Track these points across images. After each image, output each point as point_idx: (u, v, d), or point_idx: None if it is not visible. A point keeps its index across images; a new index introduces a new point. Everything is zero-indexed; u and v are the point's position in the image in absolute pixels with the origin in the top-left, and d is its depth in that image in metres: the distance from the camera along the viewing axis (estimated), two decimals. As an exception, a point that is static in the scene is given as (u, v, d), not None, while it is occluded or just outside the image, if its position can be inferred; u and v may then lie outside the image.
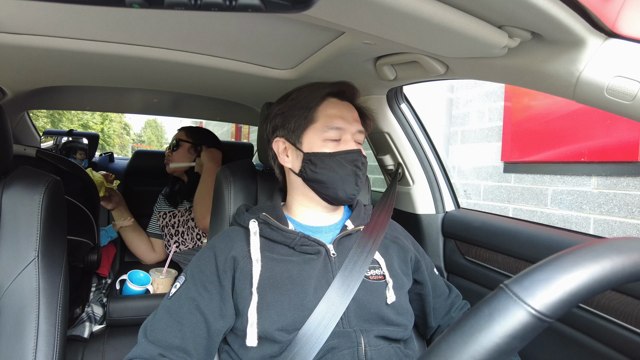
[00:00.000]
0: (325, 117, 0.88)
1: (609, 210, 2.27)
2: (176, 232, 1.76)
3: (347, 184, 0.87)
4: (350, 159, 0.87)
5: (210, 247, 0.89)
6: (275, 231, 0.87)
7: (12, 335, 0.82)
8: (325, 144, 0.87)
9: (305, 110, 0.89)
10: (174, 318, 0.80)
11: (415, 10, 0.59)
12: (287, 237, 0.86)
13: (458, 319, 0.37)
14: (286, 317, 0.79)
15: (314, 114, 0.89)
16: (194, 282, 0.84)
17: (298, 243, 0.86)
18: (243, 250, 0.86)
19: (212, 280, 0.84)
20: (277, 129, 0.93)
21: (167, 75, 1.21)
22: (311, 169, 0.87)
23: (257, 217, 0.89)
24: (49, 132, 2.42)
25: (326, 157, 0.86)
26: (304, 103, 0.90)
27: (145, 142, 38.08)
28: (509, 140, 2.89)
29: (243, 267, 0.84)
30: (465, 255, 1.22)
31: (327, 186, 0.87)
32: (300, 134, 0.89)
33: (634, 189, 2.17)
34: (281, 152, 0.93)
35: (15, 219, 0.87)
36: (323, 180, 0.87)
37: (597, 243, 0.38)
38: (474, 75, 0.90)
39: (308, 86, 0.93)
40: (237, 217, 0.95)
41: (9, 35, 0.87)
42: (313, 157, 0.87)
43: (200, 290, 0.83)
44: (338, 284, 0.83)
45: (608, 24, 0.62)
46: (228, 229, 0.94)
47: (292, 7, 0.30)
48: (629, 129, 2.16)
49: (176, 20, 0.83)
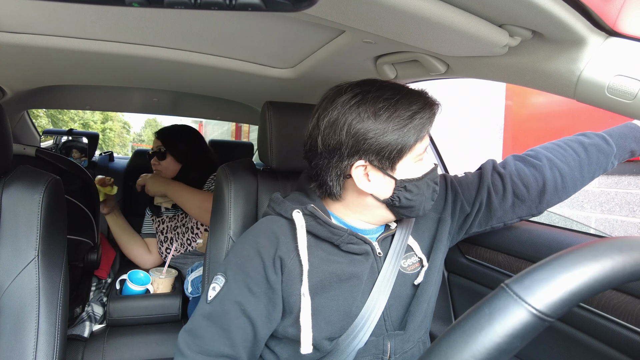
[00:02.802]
0: (421, 140, 0.76)
1: (610, 209, 2.27)
2: (165, 239, 1.75)
3: (427, 202, 0.80)
4: (433, 177, 0.80)
5: (251, 244, 0.78)
6: (322, 226, 0.78)
7: (12, 334, 0.82)
8: (417, 165, 0.77)
9: (411, 139, 0.73)
10: (219, 325, 0.73)
11: (416, 9, 0.59)
12: (334, 233, 0.77)
13: (459, 318, 0.37)
14: (334, 325, 0.75)
15: (418, 142, 0.75)
16: (237, 284, 0.75)
17: (345, 241, 0.78)
18: (289, 248, 0.77)
19: (259, 281, 0.75)
20: (363, 153, 0.74)
21: (167, 74, 1.21)
22: (406, 197, 0.77)
23: (302, 208, 0.79)
24: (49, 131, 2.42)
25: (419, 182, 0.77)
26: (408, 130, 0.73)
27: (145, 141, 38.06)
28: (510, 139, 2.89)
29: (291, 269, 0.75)
30: (466, 255, 1.22)
31: (414, 209, 0.79)
32: (397, 162, 0.75)
33: (635, 188, 2.16)
34: (361, 176, 0.76)
35: (15, 219, 0.87)
36: (414, 205, 0.78)
37: (598, 242, 0.38)
38: (475, 74, 0.90)
39: (396, 99, 0.74)
40: (275, 205, 0.84)
41: (9, 34, 0.87)
42: (408, 184, 0.76)
43: (246, 293, 0.74)
44: (381, 285, 0.80)
45: (609, 23, 0.62)
46: (266, 221, 0.83)
47: (292, 6, 0.30)
48: (629, 128, 2.16)
49: (176, 19, 0.82)
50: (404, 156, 0.75)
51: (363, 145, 0.73)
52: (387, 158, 0.74)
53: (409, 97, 0.75)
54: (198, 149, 1.81)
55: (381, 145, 0.72)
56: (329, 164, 0.77)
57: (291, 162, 1.07)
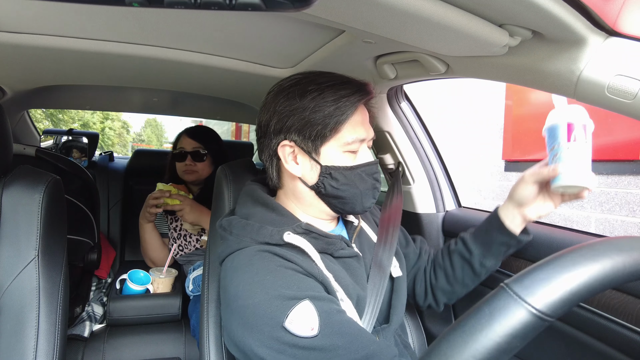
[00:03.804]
0: (351, 128, 0.76)
1: (610, 209, 2.27)
2: (179, 236, 1.74)
3: (365, 198, 0.80)
4: (370, 171, 0.80)
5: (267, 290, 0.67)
6: (318, 239, 0.76)
7: (12, 334, 0.82)
8: (345, 155, 0.78)
9: (332, 120, 0.75)
10: (348, 335, 0.65)
11: (416, 8, 0.59)
12: (329, 243, 0.77)
13: (459, 318, 0.37)
14: None
15: (342, 125, 0.76)
16: (322, 299, 0.68)
17: (338, 248, 0.78)
18: (314, 271, 0.73)
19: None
20: (287, 131, 0.77)
21: (167, 74, 1.21)
22: (331, 184, 0.77)
23: (294, 229, 0.74)
24: (49, 131, 2.42)
25: (348, 172, 0.77)
26: (330, 111, 0.74)
27: (145, 141, 38.08)
28: (510, 139, 2.89)
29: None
30: (466, 254, 1.22)
31: (346, 201, 0.79)
32: (320, 145, 0.76)
33: (635, 188, 2.16)
34: (287, 156, 0.79)
35: (15, 218, 0.87)
36: (343, 196, 0.78)
37: (598, 242, 0.38)
38: (475, 74, 0.90)
39: (329, 84, 0.76)
40: (255, 235, 0.75)
41: (9, 34, 0.87)
42: (334, 171, 0.77)
43: (332, 302, 0.70)
44: (372, 286, 0.82)
45: (609, 23, 0.62)
46: (252, 265, 0.71)
47: (292, 5, 0.30)
48: (630, 128, 2.16)
49: (176, 19, 0.82)
50: (327, 140, 0.76)
51: (286, 123, 0.76)
52: (309, 139, 0.76)
53: (342, 84, 0.77)
54: (225, 150, 1.82)
55: (302, 124, 0.75)
56: (262, 145, 0.82)
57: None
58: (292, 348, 0.62)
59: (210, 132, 1.82)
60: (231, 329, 0.69)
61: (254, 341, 0.64)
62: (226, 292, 0.72)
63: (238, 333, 0.67)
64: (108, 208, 2.12)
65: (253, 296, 0.66)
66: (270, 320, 0.64)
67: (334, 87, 0.76)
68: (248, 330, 0.65)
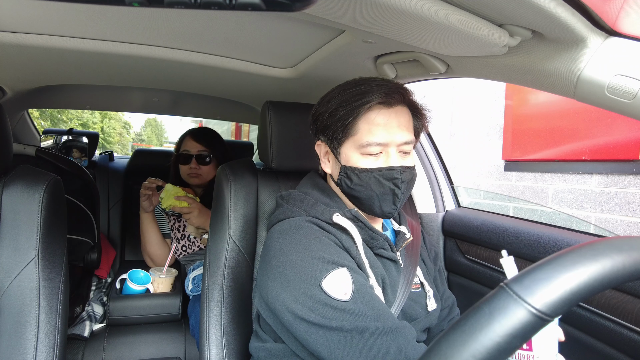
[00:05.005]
0: (367, 130, 0.78)
1: (609, 209, 2.27)
2: (182, 236, 1.74)
3: (384, 202, 0.80)
4: (388, 176, 0.78)
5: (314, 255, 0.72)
6: (363, 229, 0.80)
7: (12, 334, 0.82)
8: (364, 157, 0.79)
9: (345, 121, 0.79)
10: (376, 307, 0.68)
11: (416, 8, 0.59)
12: (372, 237, 0.80)
13: (459, 317, 0.37)
14: None
15: (353, 127, 0.78)
16: (358, 272, 0.73)
17: (380, 245, 0.81)
18: (353, 252, 0.77)
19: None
20: (319, 132, 0.85)
21: (167, 74, 1.21)
22: (347, 183, 0.81)
23: (343, 212, 0.80)
24: (49, 131, 2.41)
25: (362, 173, 0.79)
26: (341, 115, 0.79)
27: (145, 140, 38.07)
28: (510, 139, 2.89)
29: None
30: (466, 254, 1.22)
31: (362, 202, 0.82)
32: (339, 144, 0.81)
33: (634, 188, 2.16)
34: (323, 156, 0.87)
35: (15, 218, 0.87)
36: (358, 196, 0.81)
37: (598, 242, 0.38)
38: (475, 74, 0.90)
39: (353, 86, 0.80)
40: (309, 209, 0.82)
41: (9, 34, 0.87)
42: (349, 171, 0.80)
43: (365, 279, 0.74)
44: (400, 293, 0.82)
45: (609, 23, 0.62)
46: (300, 229, 0.78)
47: (292, 5, 0.30)
48: (629, 128, 2.16)
49: (176, 19, 0.82)
50: (345, 140, 0.80)
51: (317, 125, 0.85)
52: (332, 139, 0.82)
53: (369, 90, 0.79)
54: (230, 153, 1.79)
55: (326, 124, 0.82)
56: (312, 142, 0.90)
57: (291, 162, 1.07)
58: (324, 307, 0.66)
59: (215, 135, 1.79)
60: (266, 285, 0.74)
61: (288, 296, 0.69)
62: (269, 251, 0.78)
63: (273, 288, 0.72)
64: (108, 208, 2.12)
65: (297, 253, 0.72)
66: (308, 278, 0.68)
67: (358, 92, 0.79)
68: (284, 285, 0.70)
